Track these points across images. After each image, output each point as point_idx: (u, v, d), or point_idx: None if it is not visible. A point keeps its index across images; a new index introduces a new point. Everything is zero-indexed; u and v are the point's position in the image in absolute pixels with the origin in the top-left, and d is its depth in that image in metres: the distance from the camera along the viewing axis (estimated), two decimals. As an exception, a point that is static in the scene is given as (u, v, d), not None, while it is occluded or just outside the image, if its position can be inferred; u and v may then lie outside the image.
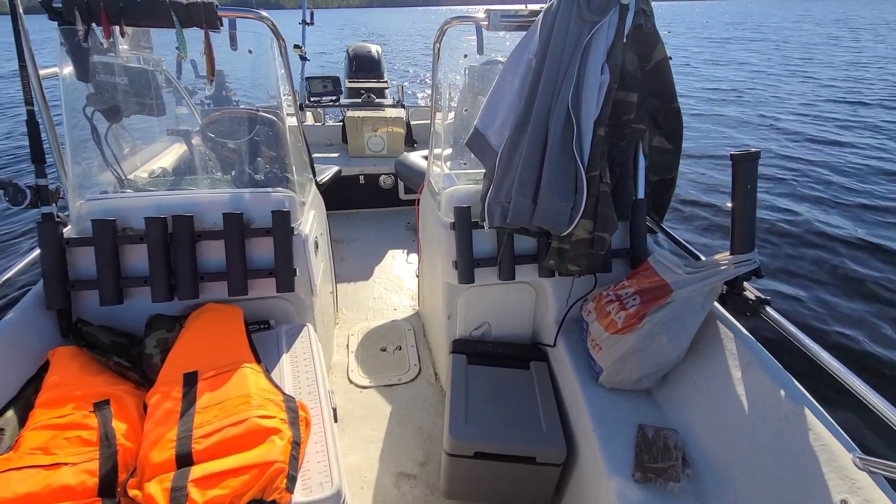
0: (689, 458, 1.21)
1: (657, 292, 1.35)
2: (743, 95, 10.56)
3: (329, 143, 4.12)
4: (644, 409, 1.38)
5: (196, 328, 1.38)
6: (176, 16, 1.39)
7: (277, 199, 1.53)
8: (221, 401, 1.10)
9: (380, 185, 3.72)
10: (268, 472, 0.96)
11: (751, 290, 1.30)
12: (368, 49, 5.01)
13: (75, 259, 1.43)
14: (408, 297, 2.75)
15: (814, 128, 7.72)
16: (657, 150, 1.63)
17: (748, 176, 1.27)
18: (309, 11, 4.36)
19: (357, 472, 1.69)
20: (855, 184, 5.34)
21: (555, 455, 1.39)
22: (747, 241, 1.28)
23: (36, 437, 1.03)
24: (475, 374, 1.62)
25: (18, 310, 1.35)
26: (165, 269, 1.43)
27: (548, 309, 1.70)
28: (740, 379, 1.20)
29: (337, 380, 2.10)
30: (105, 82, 1.62)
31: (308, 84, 3.87)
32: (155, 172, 2.10)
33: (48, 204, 1.38)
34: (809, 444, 0.99)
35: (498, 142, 1.48)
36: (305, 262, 1.57)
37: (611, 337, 1.38)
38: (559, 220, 1.38)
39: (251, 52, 1.57)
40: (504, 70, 1.49)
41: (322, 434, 1.16)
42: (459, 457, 1.41)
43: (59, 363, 1.25)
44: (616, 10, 1.34)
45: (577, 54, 1.35)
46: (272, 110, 1.90)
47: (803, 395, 1.07)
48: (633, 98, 1.43)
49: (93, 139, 1.65)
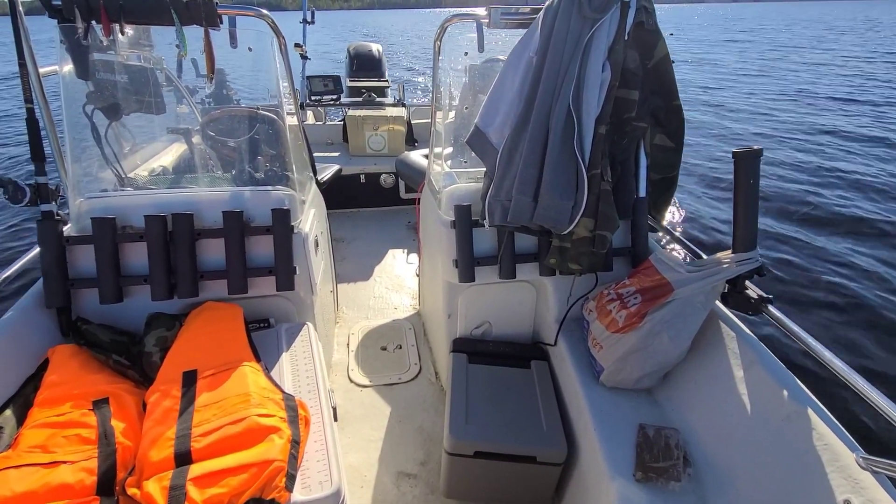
0: (690, 457, 1.21)
1: (658, 291, 1.34)
2: (744, 93, 10.54)
3: (330, 143, 4.12)
4: (645, 408, 1.37)
5: (196, 327, 1.38)
6: (176, 13, 1.39)
7: (277, 198, 1.53)
8: (220, 399, 1.10)
9: (380, 184, 3.72)
10: (267, 470, 0.95)
11: (753, 289, 1.29)
12: (369, 48, 5.00)
13: (75, 257, 1.43)
14: (408, 296, 2.75)
15: (815, 125, 7.71)
16: (659, 148, 1.63)
17: (750, 174, 1.26)
18: (310, 11, 4.36)
19: (357, 471, 1.68)
20: (863, 178, 5.33)
21: (555, 454, 1.38)
22: (749, 239, 1.27)
23: (35, 435, 1.02)
24: (476, 374, 1.61)
25: (18, 308, 1.35)
26: (165, 268, 1.43)
27: (548, 308, 1.69)
28: (742, 378, 1.19)
29: (337, 379, 2.10)
30: (105, 80, 1.62)
31: (309, 83, 3.87)
32: (155, 171, 2.10)
33: (48, 202, 1.38)
34: (812, 443, 0.98)
35: (498, 140, 1.48)
36: (305, 261, 1.57)
37: (612, 336, 1.37)
38: (560, 218, 1.37)
39: (251, 49, 1.57)
40: (505, 68, 1.48)
41: (322, 433, 1.15)
42: (460, 456, 1.40)
43: (59, 361, 1.25)
44: (617, 7, 1.33)
45: (578, 52, 1.34)
46: (272, 108, 1.90)
47: (806, 395, 1.06)
48: (635, 96, 1.42)
49: (93, 137, 1.65)
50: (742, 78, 12.83)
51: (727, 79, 12.71)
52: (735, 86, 11.57)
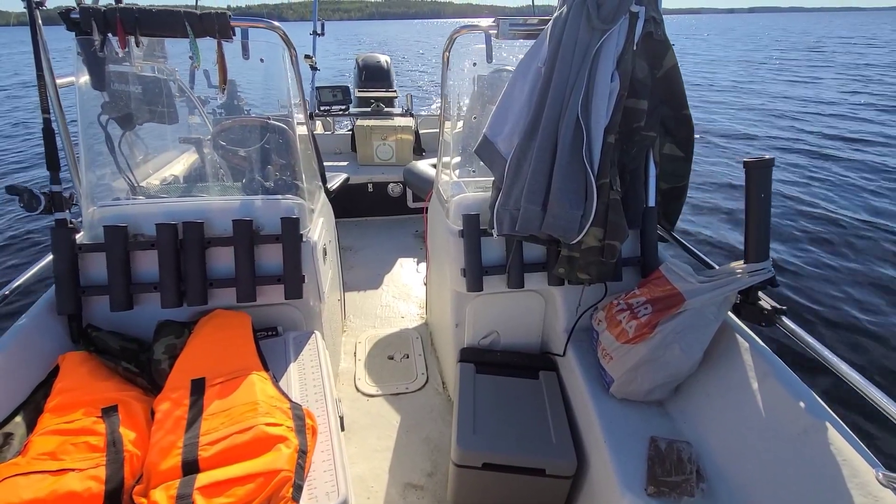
0: (703, 471, 1.18)
1: (669, 301, 1.32)
2: (755, 103, 10.50)
3: (338, 152, 4.15)
4: (656, 420, 1.35)
5: (204, 334, 1.38)
6: (190, 26, 1.41)
7: (287, 207, 1.54)
8: (228, 408, 1.10)
9: (388, 193, 3.74)
10: (274, 480, 0.95)
11: (766, 300, 1.27)
12: (378, 59, 5.07)
13: (87, 265, 1.44)
14: (416, 305, 2.74)
15: (830, 133, 7.64)
16: (668, 157, 1.62)
17: (762, 184, 1.25)
18: (320, 23, 4.43)
19: (363, 482, 1.67)
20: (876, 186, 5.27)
21: (565, 467, 1.36)
22: (762, 249, 1.26)
23: (44, 442, 1.03)
24: (483, 384, 1.60)
25: (30, 315, 1.36)
26: (175, 276, 1.44)
27: (557, 318, 1.68)
28: (756, 391, 1.17)
29: (344, 388, 2.09)
30: (119, 91, 1.65)
31: (318, 93, 3.91)
32: (166, 179, 2.12)
33: (62, 210, 1.40)
34: (830, 459, 0.96)
35: (507, 149, 1.48)
36: (314, 269, 1.57)
37: (622, 346, 1.36)
38: (569, 227, 1.36)
39: (263, 60, 1.59)
40: (513, 78, 1.49)
41: (329, 443, 1.15)
42: (467, 468, 1.39)
43: (69, 368, 1.25)
44: (626, 18, 1.34)
45: (587, 62, 1.34)
46: (283, 118, 1.92)
47: (822, 408, 1.04)
48: (644, 105, 1.42)
49: (106, 147, 1.68)
50: (750, 86, 12.79)
51: (738, 86, 12.68)
52: (748, 94, 11.53)
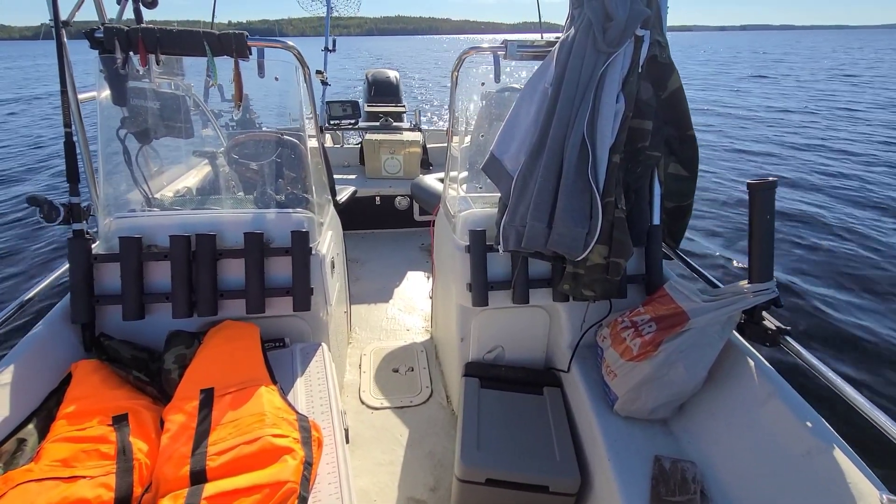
0: (707, 492, 1.18)
1: (674, 319, 1.33)
2: (760, 123, 10.53)
3: (347, 165, 4.22)
4: (660, 439, 1.34)
5: (214, 345, 1.40)
6: (208, 46, 1.46)
7: (297, 220, 1.57)
8: (236, 418, 1.11)
9: (395, 206, 3.78)
10: (280, 491, 0.96)
11: (770, 320, 1.28)
12: (387, 75, 5.17)
13: (101, 275, 1.48)
14: (421, 319, 2.75)
15: (832, 155, 7.64)
16: (673, 176, 1.64)
17: (765, 205, 1.26)
18: (332, 39, 4.53)
19: (367, 495, 1.67)
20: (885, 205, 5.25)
21: (569, 484, 1.36)
22: (766, 269, 1.27)
23: (56, 449, 1.05)
24: (488, 399, 1.60)
25: (45, 322, 1.39)
26: (187, 286, 1.47)
27: (562, 334, 1.68)
28: (760, 411, 1.17)
29: (348, 400, 2.10)
30: (138, 106, 1.70)
31: (328, 108, 3.99)
32: (180, 192, 2.17)
33: (80, 221, 1.44)
34: (834, 481, 0.95)
35: (514, 167, 1.51)
36: (322, 282, 1.60)
37: (626, 364, 1.36)
38: (574, 245, 1.38)
39: (277, 79, 1.63)
40: (520, 97, 1.52)
41: (334, 455, 1.16)
42: (470, 483, 1.39)
43: (81, 376, 1.28)
44: (631, 41, 1.37)
45: (593, 83, 1.37)
46: (295, 133, 1.96)
47: (828, 430, 1.04)
48: (648, 126, 1.45)
49: (124, 160, 1.72)
50: (757, 106, 12.83)
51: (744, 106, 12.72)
52: (752, 114, 11.56)
